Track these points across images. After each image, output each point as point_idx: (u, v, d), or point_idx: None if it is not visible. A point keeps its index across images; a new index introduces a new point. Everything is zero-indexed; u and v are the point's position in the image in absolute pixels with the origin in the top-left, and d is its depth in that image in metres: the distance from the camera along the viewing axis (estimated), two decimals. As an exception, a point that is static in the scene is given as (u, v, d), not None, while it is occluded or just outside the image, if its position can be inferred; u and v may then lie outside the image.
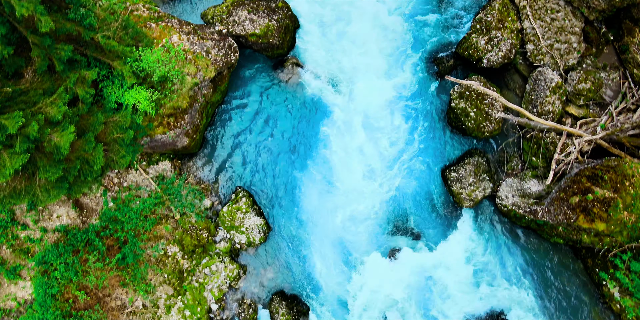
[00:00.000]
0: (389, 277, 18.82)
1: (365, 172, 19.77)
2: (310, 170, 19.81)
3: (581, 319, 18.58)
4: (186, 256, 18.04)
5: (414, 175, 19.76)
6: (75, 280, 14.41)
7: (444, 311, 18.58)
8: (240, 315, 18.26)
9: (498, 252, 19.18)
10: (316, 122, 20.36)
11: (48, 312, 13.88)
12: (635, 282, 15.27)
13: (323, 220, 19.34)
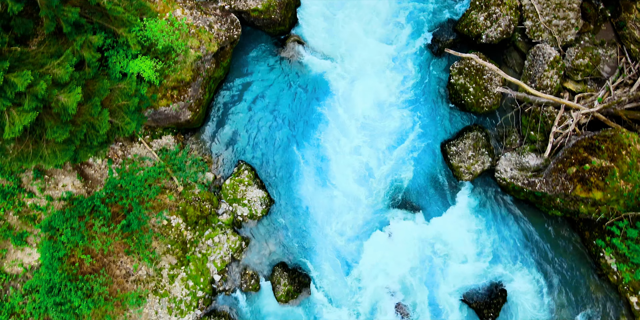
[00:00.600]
0: (389, 250, 19.09)
1: (365, 147, 20.01)
2: (311, 145, 20.06)
3: (579, 290, 18.86)
4: (189, 227, 18.31)
5: (414, 149, 20.00)
6: (81, 244, 14.68)
7: (444, 282, 18.85)
8: (242, 286, 18.53)
9: (496, 225, 19.44)
10: (317, 98, 20.60)
11: (55, 274, 14.14)
12: (631, 247, 15.54)
13: (324, 194, 19.60)
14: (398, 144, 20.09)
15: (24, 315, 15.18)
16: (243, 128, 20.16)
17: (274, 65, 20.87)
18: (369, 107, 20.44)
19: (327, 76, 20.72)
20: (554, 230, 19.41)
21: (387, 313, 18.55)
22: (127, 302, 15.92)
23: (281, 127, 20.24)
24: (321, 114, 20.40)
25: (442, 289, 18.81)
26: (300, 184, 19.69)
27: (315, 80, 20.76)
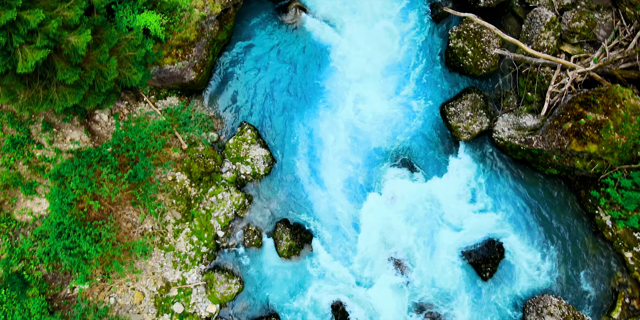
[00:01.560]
0: (388, 207, 19.49)
1: (366, 110, 20.40)
2: (313, 108, 20.46)
3: (575, 248, 19.26)
4: (193, 184, 18.72)
5: (414, 112, 20.40)
6: (89, 190, 15.08)
7: (442, 239, 19.25)
8: (245, 242, 18.94)
9: (494, 184, 19.84)
10: (318, 64, 20.99)
11: (64, 218, 14.55)
12: (625, 195, 15.92)
13: (324, 154, 20.00)
14: (397, 107, 20.48)
15: (34, 261, 15.60)
16: (246, 92, 20.56)
17: (276, 31, 21.27)
18: (370, 71, 20.82)
19: (328, 41, 21.11)
20: (551, 189, 19.80)
21: (387, 269, 18.95)
22: (133, 250, 16.32)
23: (283, 91, 20.63)
24: (322, 78, 20.80)
25: (441, 246, 19.20)
26: (302, 146, 20.09)
27: (317, 45, 21.15)
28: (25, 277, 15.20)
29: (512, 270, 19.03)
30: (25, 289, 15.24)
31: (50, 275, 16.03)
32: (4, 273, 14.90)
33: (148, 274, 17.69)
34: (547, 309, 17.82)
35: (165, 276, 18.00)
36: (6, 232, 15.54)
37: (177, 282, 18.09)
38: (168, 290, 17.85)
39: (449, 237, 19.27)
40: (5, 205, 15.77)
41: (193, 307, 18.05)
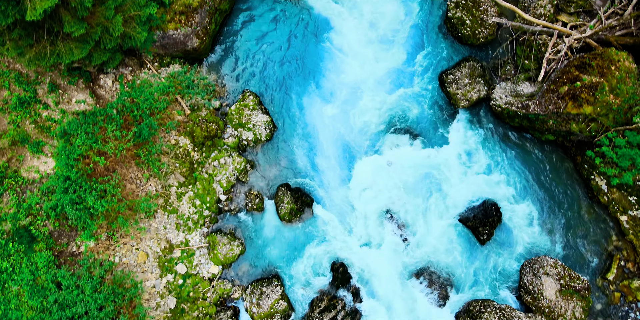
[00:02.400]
0: (388, 173, 19.83)
1: (366, 79, 20.73)
2: (313, 78, 20.78)
3: (572, 212, 19.58)
4: (196, 148, 19.06)
5: (412, 80, 20.73)
6: (95, 147, 15.41)
7: (440, 203, 19.58)
8: (247, 206, 19.27)
9: (492, 151, 20.16)
10: (320, 35, 21.30)
11: (71, 172, 14.88)
12: (619, 153, 16.23)
13: (325, 122, 20.33)
14: (396, 76, 20.81)
15: (41, 217, 15.94)
16: (247, 62, 20.89)
17: (278, 3, 21.58)
18: (370, 42, 21.15)
19: (329, 12, 21.43)
20: (547, 156, 20.12)
21: (386, 231, 19.29)
22: (138, 208, 16.66)
23: (284, 61, 20.96)
24: (323, 48, 21.12)
25: (439, 210, 19.54)
26: (303, 113, 20.42)
27: (319, 17, 21.46)
28: (32, 231, 15.54)
29: (509, 234, 19.37)
30: (33, 244, 15.58)
31: (56, 232, 16.37)
32: (12, 227, 15.24)
33: (152, 235, 18.04)
34: (543, 269, 18.15)
35: (169, 238, 18.34)
36: (14, 188, 15.87)
37: (180, 243, 18.44)
38: (171, 252, 18.20)
39: (446, 202, 19.61)
40: (13, 163, 16.11)
41: (196, 269, 18.40)
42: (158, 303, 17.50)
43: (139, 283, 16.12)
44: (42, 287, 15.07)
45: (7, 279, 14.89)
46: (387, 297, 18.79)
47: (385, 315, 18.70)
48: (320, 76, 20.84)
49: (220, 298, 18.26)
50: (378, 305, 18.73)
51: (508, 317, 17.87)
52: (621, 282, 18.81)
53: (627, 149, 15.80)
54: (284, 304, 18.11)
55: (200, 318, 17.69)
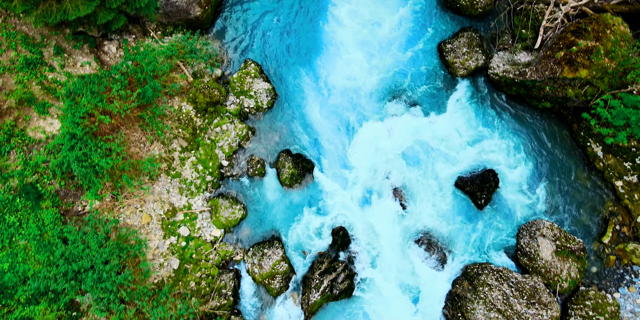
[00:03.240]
0: (387, 140, 20.15)
1: (366, 49, 21.04)
2: (314, 48, 21.08)
3: (568, 179, 19.90)
4: (199, 114, 19.38)
5: (412, 51, 21.03)
6: (100, 106, 15.73)
7: (439, 169, 19.90)
8: (249, 171, 19.60)
9: (489, 120, 20.48)
10: (321, 8, 21.60)
11: (77, 129, 15.20)
12: (613, 113, 16.54)
13: (325, 90, 20.65)
14: (395, 46, 21.11)
15: (47, 176, 16.27)
16: (249, 32, 21.19)
17: (279, -25, 21.90)
18: (371, 14, 21.45)
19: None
20: (544, 124, 20.43)
21: (386, 197, 19.62)
22: (142, 168, 16.98)
23: (285, 33, 21.26)
24: (325, 21, 21.42)
25: (437, 176, 19.86)
26: (304, 82, 20.73)
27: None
28: (39, 189, 15.87)
29: (506, 199, 19.69)
30: (39, 201, 15.91)
31: (62, 191, 16.70)
32: (19, 183, 15.57)
33: (155, 198, 18.36)
34: (539, 231, 18.48)
35: (172, 201, 18.67)
36: (20, 146, 16.20)
37: (183, 207, 18.77)
38: (174, 215, 18.52)
39: (445, 168, 19.94)
40: (20, 122, 16.43)
41: (198, 232, 18.73)
42: (161, 264, 17.83)
43: (143, 240, 16.44)
44: (48, 242, 15.40)
45: (14, 233, 15.22)
46: (386, 261, 19.11)
47: (384, 279, 19.02)
48: (321, 47, 21.14)
49: (222, 261, 18.59)
50: (377, 268, 19.06)
51: (505, 278, 18.20)
52: (616, 246, 19.14)
53: (621, 108, 16.12)
54: (284, 266, 18.44)
55: (202, 279, 18.02)
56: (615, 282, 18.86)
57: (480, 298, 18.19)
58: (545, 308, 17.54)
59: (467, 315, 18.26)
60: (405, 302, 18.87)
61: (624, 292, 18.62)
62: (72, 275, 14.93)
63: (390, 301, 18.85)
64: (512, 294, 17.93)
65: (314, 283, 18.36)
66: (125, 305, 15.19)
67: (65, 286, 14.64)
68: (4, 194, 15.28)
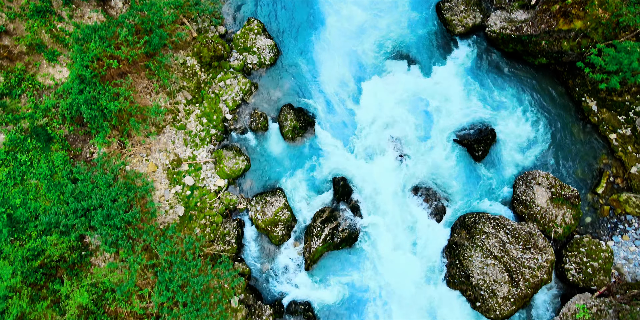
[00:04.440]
0: (387, 98, 20.62)
1: (368, 9, 21.50)
2: (315, 9, 21.55)
3: (563, 133, 20.37)
4: (203, 69, 19.86)
5: (411, 10, 21.49)
6: (108, 51, 16.20)
7: (437, 125, 20.38)
8: (252, 125, 20.08)
9: (486, 76, 20.95)
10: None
11: (86, 72, 15.67)
12: (607, 59, 17.02)
13: (327, 49, 21.12)
14: (396, 5, 21.57)
15: (57, 120, 16.75)
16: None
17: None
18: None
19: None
20: (540, 81, 20.90)
21: (385, 150, 20.09)
22: (148, 114, 17.46)
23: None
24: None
25: (436, 130, 20.34)
26: (305, 40, 21.20)
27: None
28: (49, 131, 16.35)
29: (502, 153, 20.16)
30: (49, 144, 16.39)
31: (71, 137, 17.18)
32: (30, 125, 16.04)
33: (161, 148, 18.85)
34: (535, 180, 18.97)
35: (177, 152, 19.15)
36: (31, 91, 16.69)
37: (188, 158, 19.25)
38: (179, 165, 19.01)
39: (443, 123, 20.41)
40: (30, 68, 16.92)
41: (203, 182, 19.21)
42: (167, 211, 18.31)
43: (149, 183, 16.92)
44: (58, 182, 15.88)
45: (26, 172, 15.70)
46: (386, 211, 19.60)
47: (384, 228, 19.50)
48: (324, 7, 21.60)
49: (226, 210, 19.07)
50: (377, 218, 19.54)
51: (501, 225, 18.69)
52: (610, 197, 19.62)
53: (614, 54, 16.59)
54: (287, 213, 18.93)
55: (207, 226, 18.51)
56: (609, 231, 19.35)
57: (478, 246, 18.68)
58: (540, 252, 18.03)
59: (465, 262, 18.76)
60: (404, 250, 19.35)
61: (617, 240, 19.11)
62: (81, 213, 15.41)
63: (390, 249, 19.33)
64: (508, 241, 18.42)
65: (315, 231, 18.85)
66: (133, 242, 15.69)
67: (75, 222, 15.12)
68: (16, 134, 15.76)
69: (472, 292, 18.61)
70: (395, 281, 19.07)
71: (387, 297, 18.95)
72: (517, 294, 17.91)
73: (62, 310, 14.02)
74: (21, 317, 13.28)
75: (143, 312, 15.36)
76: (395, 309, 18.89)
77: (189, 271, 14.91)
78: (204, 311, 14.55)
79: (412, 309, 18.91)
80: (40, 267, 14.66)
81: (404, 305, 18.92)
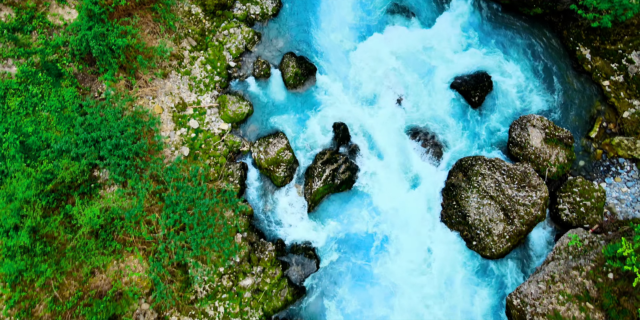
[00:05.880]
0: (387, 47, 21.19)
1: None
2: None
3: (558, 82, 20.95)
4: (207, 17, 20.41)
5: (410, -36, 22.11)
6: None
7: (435, 73, 20.97)
8: (255, 72, 20.64)
9: (484, 28, 21.54)
10: None
11: (95, 7, 16.22)
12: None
13: (328, 1, 21.69)
14: (395, -40, 22.18)
15: (66, 58, 17.29)
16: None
17: None
18: None
19: None
20: (535, 32, 21.50)
21: (384, 97, 20.67)
22: (155, 53, 18.01)
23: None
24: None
25: (433, 78, 20.92)
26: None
27: None
28: (59, 67, 16.90)
29: (498, 100, 20.75)
30: (59, 79, 16.95)
31: (80, 76, 17.73)
32: (41, 60, 16.59)
33: (167, 92, 19.40)
34: (530, 122, 19.54)
35: (182, 96, 19.71)
36: (42, 28, 17.24)
37: (193, 103, 19.81)
38: (184, 109, 19.56)
39: (441, 71, 20.99)
40: (40, 7, 17.47)
41: (207, 126, 19.77)
42: (172, 151, 18.87)
43: (156, 118, 17.47)
44: (68, 116, 16.44)
45: (37, 103, 16.26)
46: (385, 154, 20.17)
47: (383, 172, 20.08)
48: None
49: (229, 152, 19.63)
50: (376, 161, 20.12)
51: (497, 167, 19.26)
52: (603, 141, 20.20)
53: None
54: (289, 154, 19.48)
55: (211, 166, 19.07)
56: (602, 173, 19.94)
57: (474, 187, 19.25)
58: (534, 190, 18.62)
59: (462, 202, 19.33)
60: (403, 192, 19.93)
61: (610, 182, 19.70)
62: (91, 143, 15.97)
63: (388, 192, 19.92)
64: (503, 181, 19.00)
65: (316, 172, 19.41)
66: (141, 171, 16.25)
67: (85, 150, 15.67)
68: (28, 67, 16.31)
69: (469, 232, 19.19)
70: (393, 222, 19.64)
71: (386, 237, 19.52)
72: (512, 231, 18.50)
73: (74, 228, 14.59)
74: (35, 230, 13.84)
75: (151, 239, 15.93)
76: (394, 250, 19.47)
77: (195, 194, 15.47)
78: (209, 232, 15.11)
79: (410, 249, 19.48)
80: (52, 192, 15.22)
81: (402, 245, 19.49)
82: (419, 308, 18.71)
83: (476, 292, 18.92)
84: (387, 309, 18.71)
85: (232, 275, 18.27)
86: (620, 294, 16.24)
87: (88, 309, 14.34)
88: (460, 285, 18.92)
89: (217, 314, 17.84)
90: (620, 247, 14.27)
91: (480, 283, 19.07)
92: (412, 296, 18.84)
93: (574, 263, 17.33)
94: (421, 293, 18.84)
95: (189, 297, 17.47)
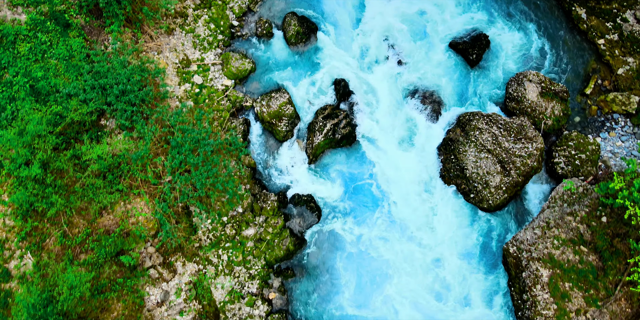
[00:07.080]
0: (387, 8, 21.63)
1: None
2: None
3: (555, 41, 21.37)
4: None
5: None
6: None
7: (434, 34, 21.39)
8: (257, 31, 21.07)
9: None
10: None
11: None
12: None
13: (329, -36, 22.18)
14: None
15: (73, 10, 17.74)
16: None
17: None
18: None
19: None
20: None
21: (384, 56, 21.11)
22: (160, 5, 18.45)
23: None
24: None
25: (433, 38, 21.34)
26: (308, -44, 22.23)
27: None
28: (67, 18, 17.35)
29: (495, 58, 21.17)
30: (67, 29, 17.40)
31: (87, 28, 18.19)
32: (49, 9, 17.05)
33: (171, 49, 19.85)
34: (526, 78, 19.97)
35: (186, 53, 20.15)
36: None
37: (196, 60, 20.26)
38: (188, 65, 20.02)
39: (439, 31, 21.42)
40: (49, -40, 17.93)
41: (210, 82, 20.21)
42: (177, 105, 19.32)
43: (162, 69, 17.91)
44: (76, 64, 16.89)
45: (46, 50, 16.71)
46: (384, 111, 20.61)
47: (383, 128, 20.52)
48: None
49: (233, 107, 20.07)
50: (376, 117, 20.56)
51: (494, 121, 19.70)
52: (598, 98, 20.63)
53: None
54: (290, 109, 19.92)
55: (215, 119, 19.52)
56: (597, 129, 20.37)
57: (472, 141, 19.68)
58: (530, 141, 19.05)
59: (460, 156, 19.76)
60: (402, 148, 20.37)
61: (604, 136, 20.13)
62: (99, 89, 16.43)
63: (387, 148, 20.36)
64: (500, 134, 19.43)
65: (317, 126, 19.86)
66: (147, 117, 16.70)
67: (93, 96, 16.13)
68: (37, 15, 16.77)
69: (467, 185, 19.62)
70: (393, 177, 20.08)
71: (386, 191, 19.95)
72: (508, 182, 18.93)
73: (83, 166, 15.04)
74: (46, 165, 14.29)
75: (157, 182, 16.38)
76: (393, 203, 19.90)
77: (200, 135, 15.92)
78: (214, 171, 15.56)
79: (408, 202, 19.90)
80: (61, 135, 15.67)
81: (401, 199, 19.92)
82: (415, 254, 19.17)
83: (474, 244, 19.36)
84: (389, 254, 19.16)
85: (235, 225, 18.72)
86: (614, 236, 16.70)
87: (97, 243, 14.79)
88: (460, 237, 19.37)
89: (220, 262, 18.29)
90: (612, 182, 14.70)
91: (478, 236, 19.50)
92: (413, 249, 19.29)
93: (569, 209, 17.78)
94: (420, 244, 19.29)
95: (194, 244, 17.93)
